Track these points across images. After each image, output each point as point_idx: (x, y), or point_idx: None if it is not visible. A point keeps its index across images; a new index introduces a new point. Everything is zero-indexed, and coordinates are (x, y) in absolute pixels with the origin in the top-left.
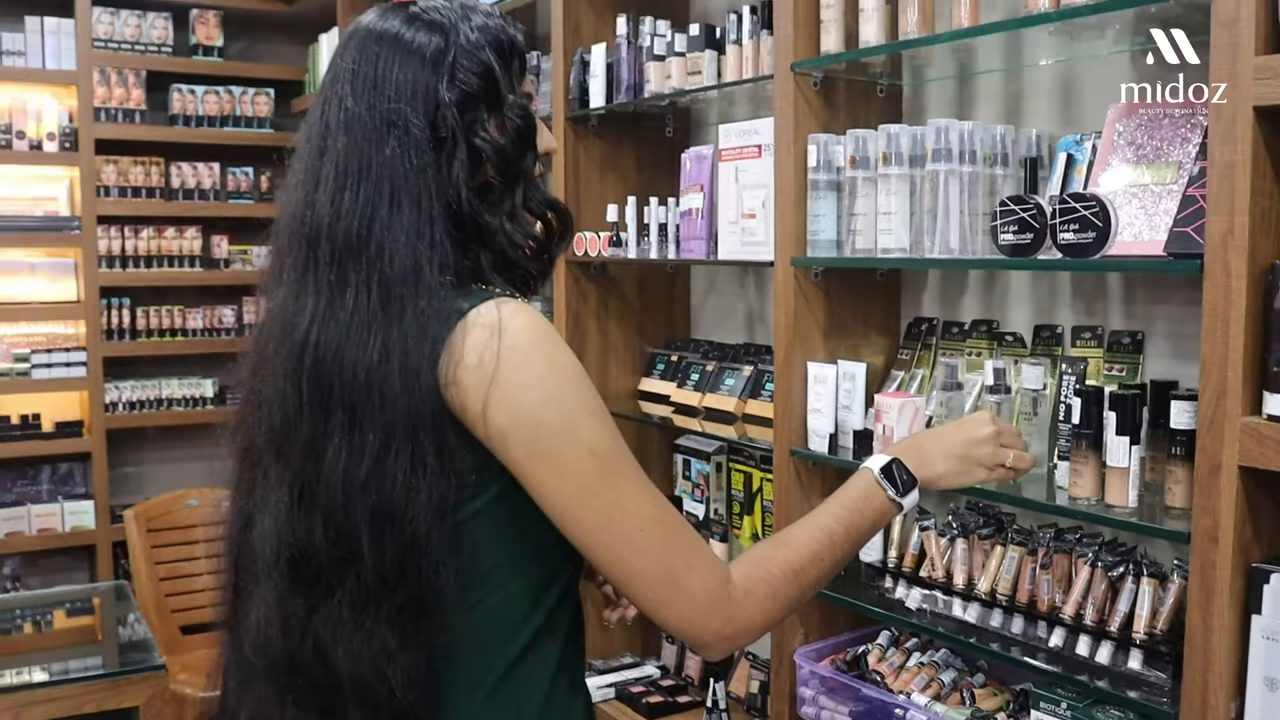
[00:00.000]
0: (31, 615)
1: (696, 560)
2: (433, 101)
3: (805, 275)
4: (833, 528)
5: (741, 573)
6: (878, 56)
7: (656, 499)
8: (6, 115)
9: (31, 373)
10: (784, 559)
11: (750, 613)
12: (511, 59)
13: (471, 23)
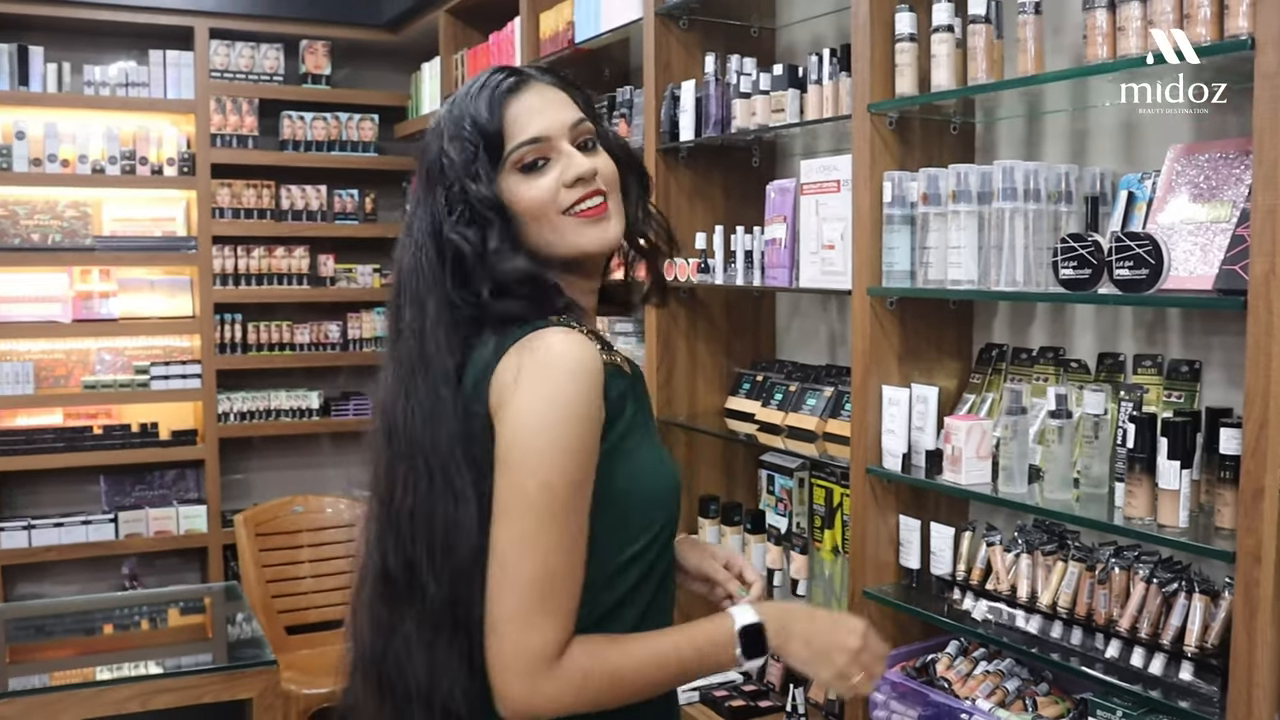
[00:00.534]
0: (148, 613)
1: (542, 623)
2: (433, 179)
3: (881, 304)
4: (671, 658)
5: (573, 660)
6: (949, 99)
7: (551, 553)
8: (130, 142)
9: (150, 384)
10: (613, 665)
11: (553, 695)
12: (469, 139)
13: (447, 110)
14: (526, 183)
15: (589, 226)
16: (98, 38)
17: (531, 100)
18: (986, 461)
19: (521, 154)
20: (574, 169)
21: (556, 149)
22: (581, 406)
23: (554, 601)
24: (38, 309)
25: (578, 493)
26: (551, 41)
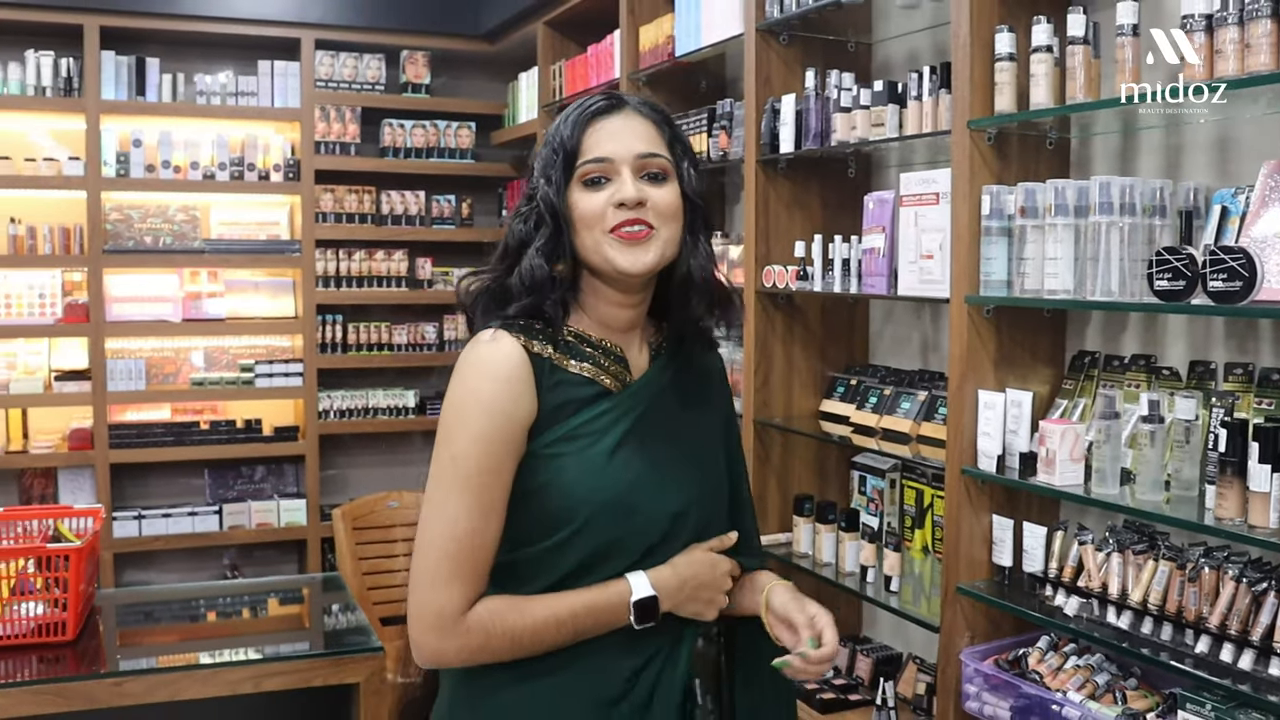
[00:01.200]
0: (249, 601)
1: (448, 586)
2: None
3: (978, 312)
4: (566, 621)
5: (476, 618)
6: (1047, 117)
7: (457, 522)
8: (239, 149)
9: (255, 381)
10: (512, 625)
11: (456, 647)
12: (554, 147)
13: (556, 119)
14: (586, 196)
15: (625, 248)
16: (209, 49)
17: (612, 125)
18: (1079, 464)
19: (586, 170)
20: (622, 193)
21: (617, 171)
22: (491, 401)
23: (459, 566)
24: (150, 309)
25: (486, 474)
26: (651, 54)
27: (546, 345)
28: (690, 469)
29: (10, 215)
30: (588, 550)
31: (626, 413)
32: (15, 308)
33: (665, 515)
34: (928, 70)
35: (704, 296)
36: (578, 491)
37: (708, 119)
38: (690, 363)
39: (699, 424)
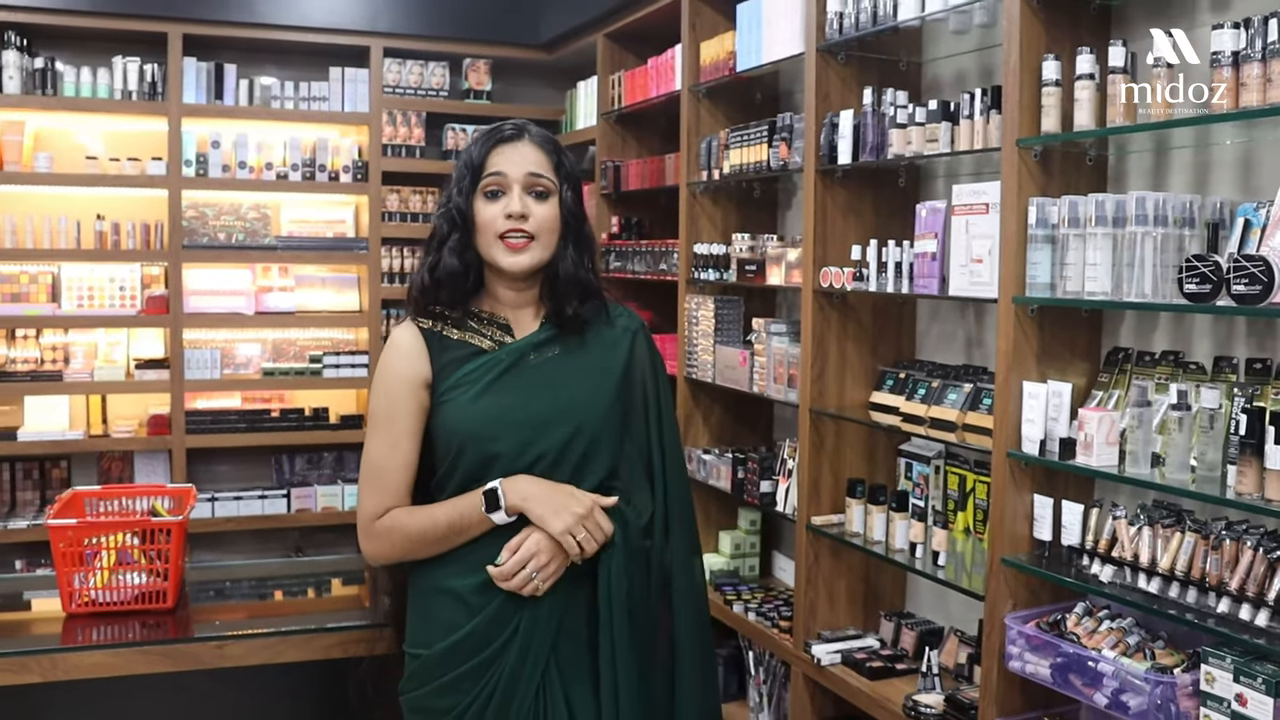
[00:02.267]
0: (318, 578)
1: (365, 497)
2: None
3: (1023, 311)
4: (442, 520)
5: (382, 522)
6: (1089, 138)
7: (374, 453)
8: (311, 151)
9: (323, 372)
10: (406, 525)
11: (376, 547)
12: (466, 162)
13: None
14: (484, 206)
15: (509, 253)
16: (284, 56)
17: (511, 150)
18: (1114, 448)
19: (486, 183)
20: (511, 206)
21: (510, 187)
22: (389, 368)
23: (371, 484)
24: (224, 301)
25: (388, 417)
26: (712, 68)
27: (436, 322)
28: (550, 411)
29: (97, 212)
30: (467, 470)
31: (495, 366)
32: (98, 299)
33: (523, 441)
34: (979, 92)
35: (573, 288)
36: (456, 425)
37: (768, 131)
38: (578, 331)
39: (573, 379)
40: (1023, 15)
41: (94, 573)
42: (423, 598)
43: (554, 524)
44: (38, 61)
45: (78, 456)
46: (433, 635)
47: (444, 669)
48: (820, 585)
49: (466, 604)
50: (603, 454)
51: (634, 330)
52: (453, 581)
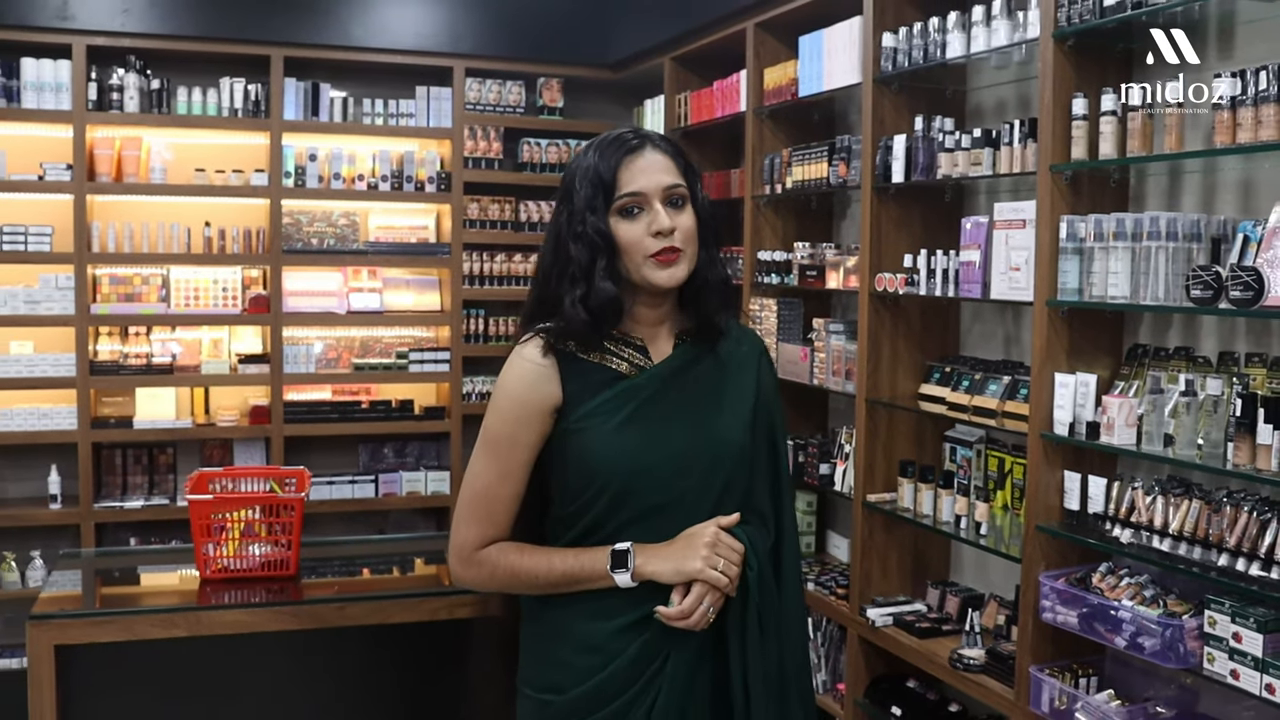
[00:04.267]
0: (398, 560)
1: (466, 525)
2: (564, 200)
3: (1055, 312)
4: (558, 569)
5: (485, 553)
6: (1112, 165)
7: (483, 479)
8: (399, 163)
9: (409, 367)
10: (514, 563)
11: (471, 575)
12: (594, 182)
13: (587, 152)
14: (624, 224)
15: (662, 269)
16: (375, 76)
17: (641, 161)
18: (1133, 429)
19: (623, 202)
20: (658, 224)
21: (649, 203)
22: (512, 391)
23: (475, 512)
24: (317, 301)
25: (504, 444)
26: (775, 93)
27: (565, 340)
28: (698, 444)
29: (205, 219)
30: (605, 504)
31: (638, 392)
32: (203, 299)
33: (667, 475)
34: (1017, 123)
35: (716, 295)
36: (596, 456)
37: (828, 151)
38: (714, 350)
39: (716, 407)
40: (1056, 59)
41: (224, 543)
42: (549, 639)
43: (691, 565)
44: (154, 83)
45: (182, 444)
46: (564, 680)
47: (580, 713)
48: (874, 556)
49: (605, 647)
50: (739, 487)
51: (760, 352)
52: (591, 623)
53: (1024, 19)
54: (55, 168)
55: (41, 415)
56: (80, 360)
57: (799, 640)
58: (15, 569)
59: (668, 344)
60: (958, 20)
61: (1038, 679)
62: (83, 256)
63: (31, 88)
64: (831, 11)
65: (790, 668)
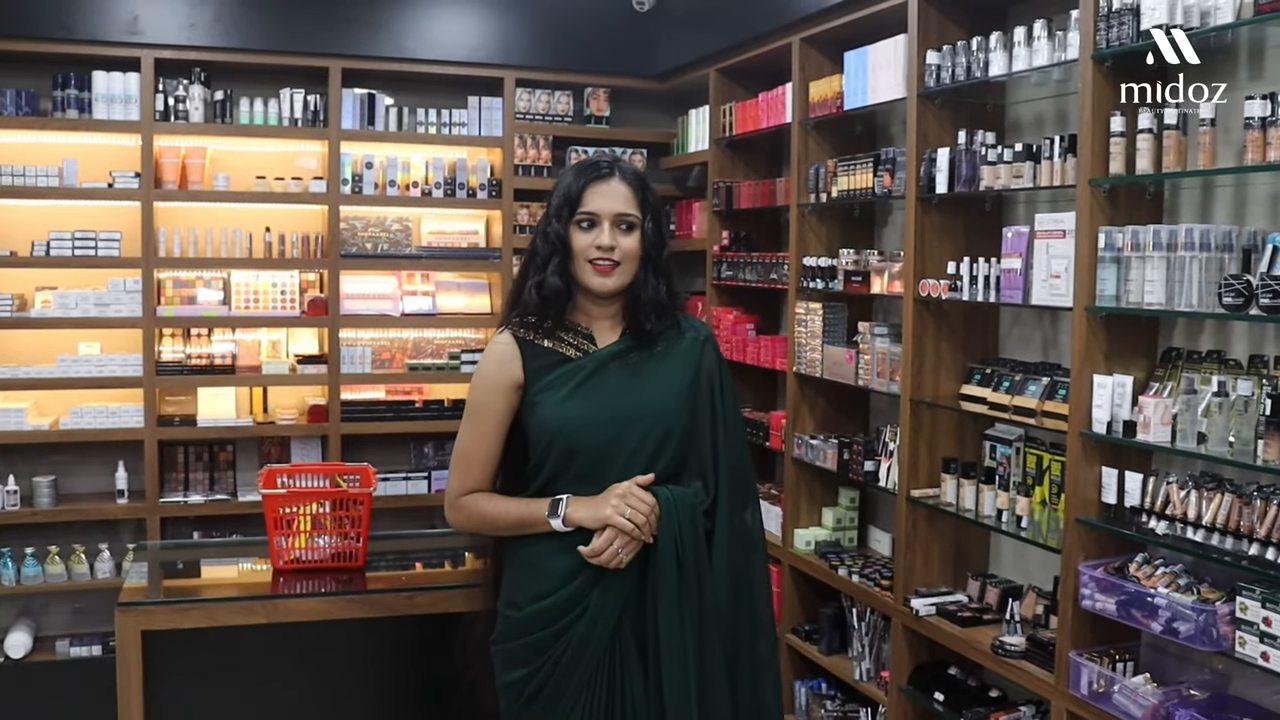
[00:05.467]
0: (450, 554)
1: (452, 477)
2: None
3: (1094, 318)
4: (513, 514)
5: (464, 500)
6: (1148, 180)
7: (463, 441)
8: (451, 170)
9: (460, 367)
10: (484, 509)
11: (454, 518)
12: (564, 196)
13: (567, 171)
14: (578, 234)
15: (597, 276)
16: (428, 86)
17: (604, 188)
18: (1168, 427)
19: (580, 217)
20: (600, 240)
21: (600, 222)
22: (485, 371)
23: (462, 466)
24: (373, 304)
25: (481, 413)
26: (820, 105)
27: (530, 332)
28: (627, 410)
29: (265, 225)
30: (557, 461)
31: (580, 371)
32: (261, 302)
33: (605, 436)
34: (1057, 139)
35: (650, 307)
36: (547, 422)
37: (874, 162)
38: (653, 343)
39: (646, 383)
40: (1094, 79)
41: (295, 535)
42: (517, 568)
43: (603, 512)
44: (217, 94)
45: (241, 441)
46: (522, 600)
47: (527, 630)
48: (917, 549)
49: (551, 578)
50: (673, 446)
51: (703, 340)
52: (544, 559)
53: (1063, 40)
54: (124, 176)
55: (110, 414)
56: (147, 360)
57: (724, 584)
58: (85, 561)
59: (613, 335)
60: (1000, 40)
61: (1077, 663)
62: (149, 261)
63: (102, 99)
64: (874, 29)
65: (711, 611)
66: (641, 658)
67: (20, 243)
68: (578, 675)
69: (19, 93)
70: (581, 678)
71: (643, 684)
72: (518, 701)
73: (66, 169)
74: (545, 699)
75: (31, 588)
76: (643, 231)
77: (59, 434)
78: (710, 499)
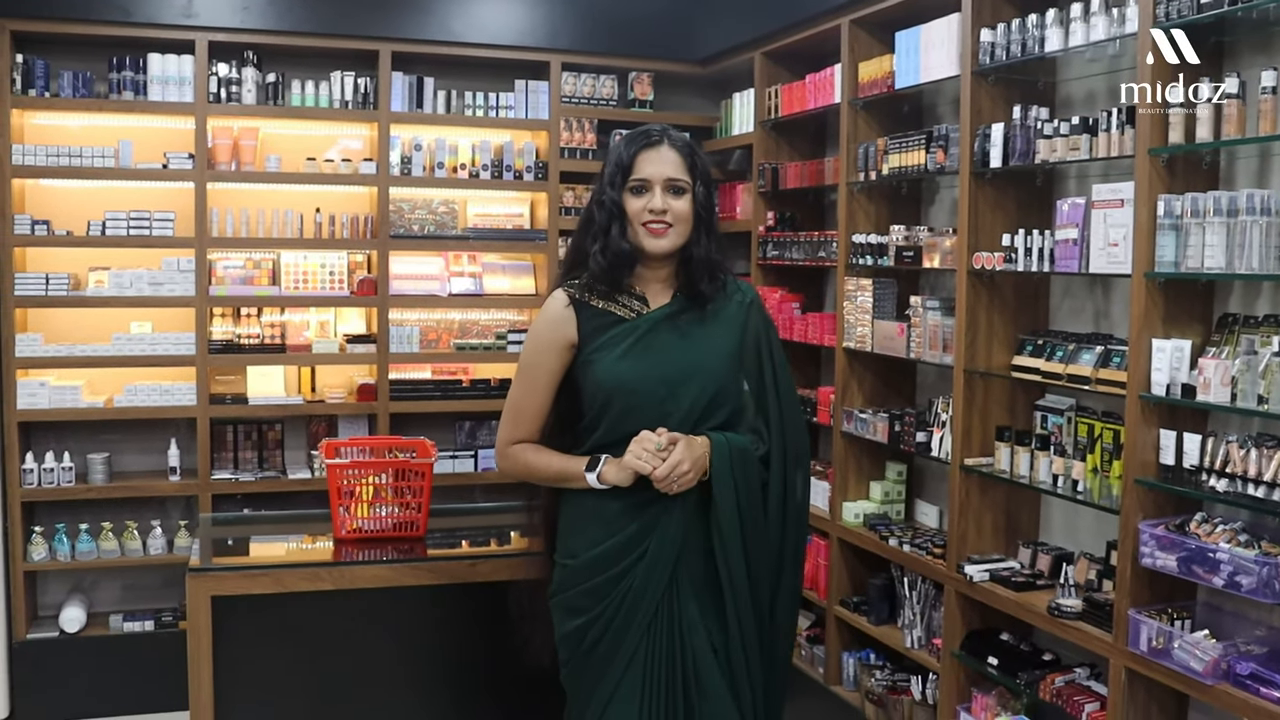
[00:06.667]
0: (494, 532)
1: (503, 427)
2: (599, 176)
3: (1153, 284)
4: (555, 468)
5: (512, 449)
6: (1207, 149)
7: (515, 394)
8: (498, 153)
9: (506, 348)
10: (529, 459)
11: (503, 465)
12: (616, 164)
13: (619, 141)
14: (631, 199)
15: (650, 237)
16: (476, 69)
17: (653, 154)
18: (1227, 389)
19: (632, 183)
20: (653, 203)
21: (651, 187)
22: (539, 329)
23: (512, 418)
24: (421, 285)
25: (534, 369)
26: (870, 85)
27: (584, 292)
28: (680, 368)
29: (316, 206)
30: (613, 417)
31: (633, 331)
32: (310, 282)
33: (658, 394)
34: (1115, 110)
35: (702, 267)
36: (602, 379)
37: (925, 139)
38: (703, 306)
39: (698, 343)
40: (1154, 50)
41: (358, 504)
42: (573, 517)
43: (626, 460)
44: (269, 77)
45: (289, 420)
46: (579, 548)
47: (587, 576)
48: (970, 517)
49: (609, 523)
50: (723, 404)
51: (749, 302)
52: (600, 505)
53: (1120, 14)
54: (178, 157)
55: (163, 392)
56: (200, 339)
57: (775, 537)
58: (138, 537)
59: (665, 298)
60: (1056, 16)
61: (1136, 621)
62: (203, 241)
63: (157, 82)
64: (923, 9)
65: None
66: (699, 607)
67: (77, 223)
68: (637, 621)
69: (76, 75)
70: (641, 624)
71: (704, 635)
72: (577, 650)
73: (123, 150)
74: (605, 646)
75: (86, 564)
76: (693, 195)
77: (113, 411)
78: (765, 449)
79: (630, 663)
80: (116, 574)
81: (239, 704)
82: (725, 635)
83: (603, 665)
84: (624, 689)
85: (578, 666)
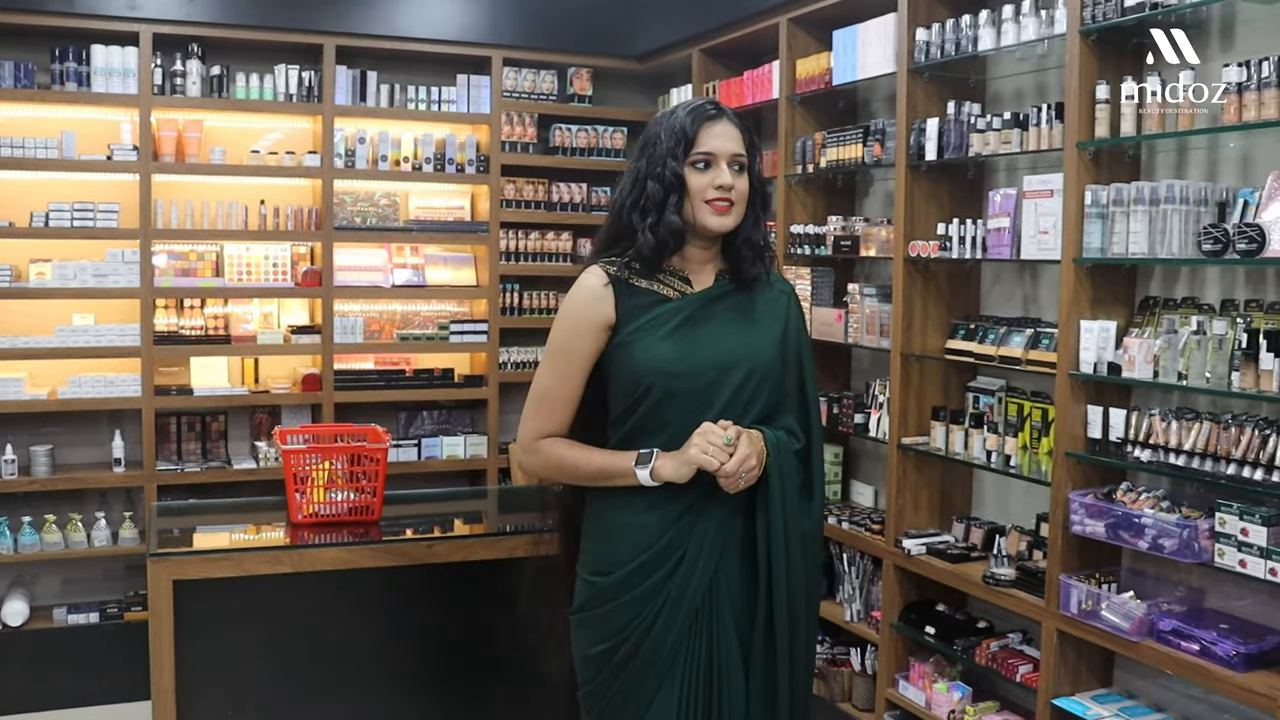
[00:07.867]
0: (438, 520)
1: (529, 419)
2: (646, 149)
3: (1081, 269)
4: (596, 463)
5: (542, 443)
6: (1131, 142)
7: (544, 381)
8: (440, 146)
9: (450, 338)
10: (563, 454)
11: (529, 461)
12: (677, 135)
13: (671, 112)
14: (695, 174)
15: (715, 215)
16: (418, 64)
17: (717, 129)
18: (1150, 365)
19: (697, 157)
20: (720, 179)
21: (718, 163)
22: (572, 310)
23: (541, 408)
24: (364, 276)
25: (563, 353)
26: (807, 81)
27: (624, 270)
28: (729, 354)
29: (260, 198)
30: (651, 406)
31: (679, 312)
32: (254, 274)
33: (705, 379)
34: (1045, 106)
35: (752, 249)
36: (643, 363)
37: (863, 133)
38: (750, 290)
39: (746, 328)
40: (1082, 51)
41: (315, 489)
42: (607, 533)
43: (688, 453)
44: (214, 69)
45: (233, 411)
46: (611, 564)
47: (624, 590)
48: (907, 494)
49: (647, 533)
50: (767, 393)
51: (788, 293)
52: (636, 517)
53: (1050, 16)
54: (122, 149)
55: (107, 383)
56: (144, 331)
57: (813, 534)
58: (82, 529)
59: (708, 280)
60: (988, 17)
61: (1067, 585)
62: (147, 233)
63: (101, 73)
64: (859, 8)
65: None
66: (735, 619)
67: (19, 214)
68: (673, 636)
69: (18, 65)
70: (676, 639)
71: (739, 649)
72: (604, 671)
73: (65, 141)
74: (638, 666)
75: (29, 556)
76: (752, 173)
77: (57, 403)
78: (803, 445)
79: (666, 677)
80: (59, 567)
81: (200, 687)
82: (766, 635)
83: (637, 681)
84: (659, 703)
85: (601, 690)
